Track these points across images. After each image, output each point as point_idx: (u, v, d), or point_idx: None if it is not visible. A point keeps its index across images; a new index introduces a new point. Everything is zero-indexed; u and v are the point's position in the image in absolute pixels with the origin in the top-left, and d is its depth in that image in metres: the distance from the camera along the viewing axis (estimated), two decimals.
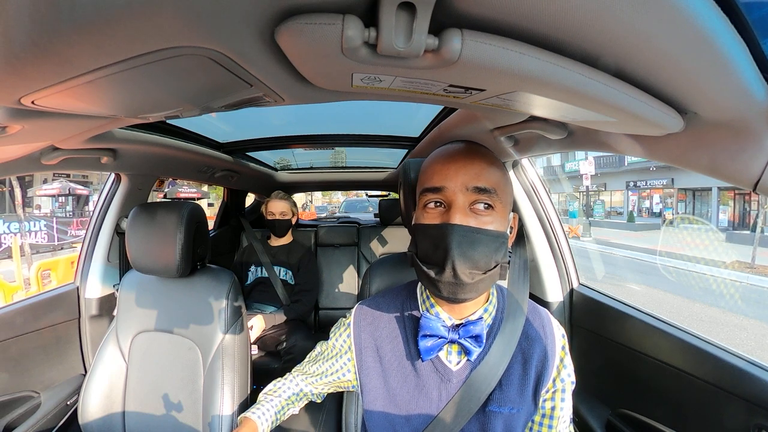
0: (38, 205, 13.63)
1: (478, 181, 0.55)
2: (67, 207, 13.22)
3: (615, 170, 19.97)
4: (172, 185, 11.04)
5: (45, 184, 12.24)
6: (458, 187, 0.55)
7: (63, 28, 0.31)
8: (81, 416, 1.04)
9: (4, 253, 8.42)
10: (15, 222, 9.14)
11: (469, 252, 0.53)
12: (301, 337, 1.75)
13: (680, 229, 10.92)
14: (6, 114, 0.57)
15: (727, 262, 7.85)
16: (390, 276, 0.89)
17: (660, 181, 18.28)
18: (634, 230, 15.40)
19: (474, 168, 0.56)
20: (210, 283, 1.08)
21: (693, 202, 17.48)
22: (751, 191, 0.49)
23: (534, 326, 0.66)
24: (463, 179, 0.55)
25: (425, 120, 1.44)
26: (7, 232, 8.98)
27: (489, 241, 0.54)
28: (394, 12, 0.31)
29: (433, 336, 0.61)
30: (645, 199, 19.91)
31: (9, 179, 8.86)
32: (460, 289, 0.54)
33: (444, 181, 0.56)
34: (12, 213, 10.41)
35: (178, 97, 0.55)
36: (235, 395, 0.99)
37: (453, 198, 0.55)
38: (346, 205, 10.68)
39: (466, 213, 0.55)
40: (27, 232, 9.24)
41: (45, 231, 9.91)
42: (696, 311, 5.20)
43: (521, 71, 0.37)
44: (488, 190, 0.55)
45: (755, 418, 0.69)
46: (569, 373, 0.65)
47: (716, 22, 0.33)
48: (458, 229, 0.53)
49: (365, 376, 0.67)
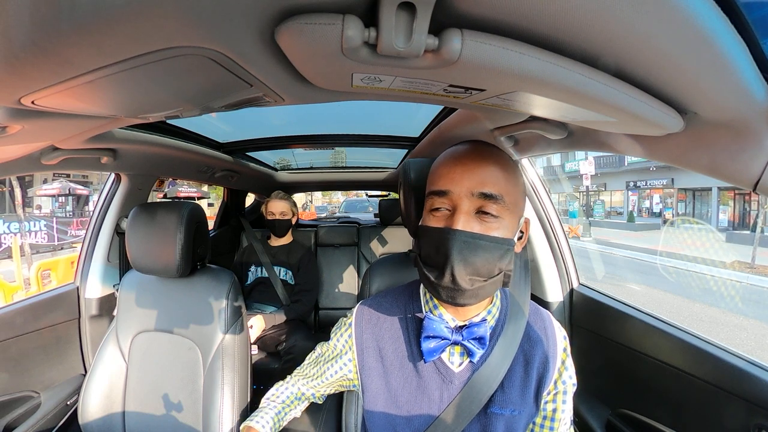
0: (38, 205, 13.68)
1: (483, 187, 0.53)
2: (67, 207, 13.25)
3: (615, 170, 20.00)
4: (172, 185, 11.05)
5: (45, 184, 12.26)
6: (463, 192, 0.54)
7: (63, 28, 0.31)
8: (81, 416, 1.04)
9: (4, 253, 8.42)
10: (15, 222, 9.13)
11: (471, 258, 0.52)
12: (301, 337, 1.76)
13: (680, 229, 10.98)
14: (6, 114, 0.57)
15: (727, 262, 7.88)
16: (390, 276, 0.89)
17: (660, 181, 18.32)
18: (634, 230, 15.43)
19: (481, 173, 0.54)
20: (210, 283, 1.08)
21: (693, 202, 17.51)
22: (752, 191, 0.49)
23: (536, 328, 0.66)
24: (469, 184, 0.54)
25: (425, 120, 1.44)
26: (7, 232, 8.97)
27: (493, 248, 0.53)
28: (394, 12, 0.31)
29: (436, 337, 0.61)
30: (645, 199, 19.97)
31: (9, 179, 8.91)
32: (459, 295, 0.54)
33: (449, 185, 0.55)
34: (12, 213, 10.41)
35: (178, 97, 0.55)
36: (235, 395, 0.99)
37: (458, 203, 0.54)
38: (346, 205, 10.70)
39: (470, 218, 0.54)
40: (27, 232, 9.25)
41: (45, 231, 9.91)
42: (696, 311, 5.21)
43: (521, 71, 0.37)
44: (494, 196, 0.53)
45: (755, 418, 0.69)
46: (570, 375, 0.65)
47: (716, 22, 0.33)
48: (460, 234, 0.52)
49: (366, 376, 0.67)
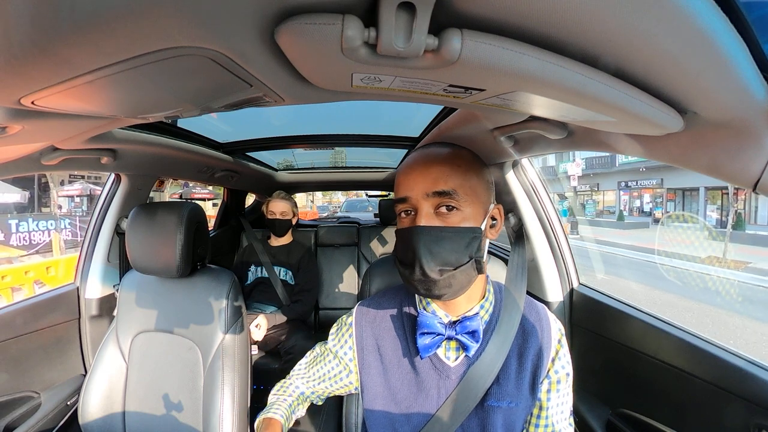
0: (59, 205, 14.67)
1: (436, 186, 0.58)
2: (83, 207, 14.01)
3: (607, 171, 20.57)
4: (186, 186, 11.45)
5: (62, 185, 13.36)
6: (420, 195, 0.59)
7: (63, 28, 0.31)
8: (81, 416, 1.04)
9: (42, 248, 9.11)
10: (42, 221, 10.19)
11: (435, 249, 0.56)
12: (301, 337, 1.76)
13: (669, 227, 11.51)
14: (6, 114, 0.57)
15: (702, 257, 8.36)
16: (390, 276, 0.89)
17: (650, 182, 18.90)
18: (622, 228, 15.90)
19: (431, 174, 0.59)
20: (210, 283, 1.08)
21: (683, 202, 18.13)
22: (751, 191, 0.49)
23: (530, 320, 0.67)
24: (422, 186, 0.59)
25: (425, 120, 1.44)
26: (37, 229, 9.91)
27: (456, 237, 0.57)
28: (394, 12, 0.31)
29: (430, 333, 0.62)
30: (636, 199, 20.64)
31: (36, 181, 9.59)
32: (434, 286, 0.57)
33: (407, 192, 0.60)
34: (38, 213, 11.85)
35: (178, 97, 0.55)
36: (235, 395, 0.99)
37: (417, 205, 0.59)
38: (347, 204, 10.80)
39: (430, 216, 0.58)
40: (57, 229, 10.19)
41: (69, 228, 10.92)
42: (653, 296, 6.02)
43: (521, 71, 0.37)
44: (448, 192, 0.58)
45: (755, 418, 0.69)
46: (563, 365, 0.65)
47: (716, 22, 0.33)
48: (421, 229, 0.57)
49: (366, 375, 0.68)
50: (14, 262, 6.42)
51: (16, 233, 9.24)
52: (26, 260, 6.71)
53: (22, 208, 11.67)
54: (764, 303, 5.73)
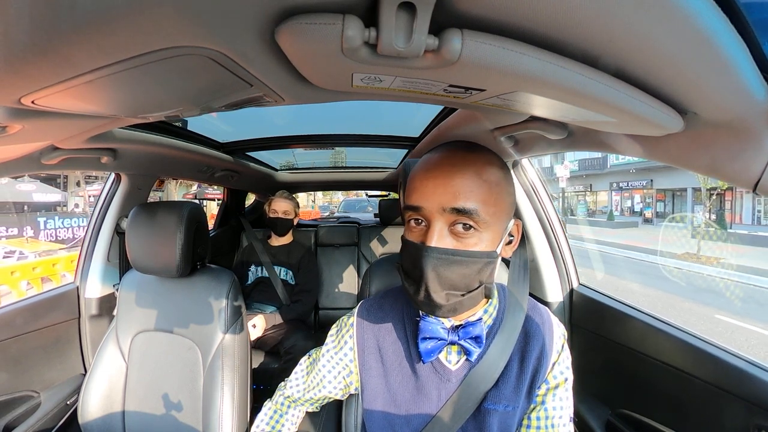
0: (76, 204, 15.52)
1: (456, 202, 0.50)
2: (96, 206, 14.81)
3: (599, 172, 21.04)
4: (199, 187, 11.75)
5: (78, 186, 14.68)
6: (435, 208, 0.51)
7: (63, 28, 0.31)
8: (81, 416, 1.04)
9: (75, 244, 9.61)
10: (75, 218, 10.78)
11: (445, 274, 0.51)
12: (301, 337, 1.75)
13: (662, 226, 12.07)
14: (6, 114, 0.57)
15: (678, 253, 8.91)
16: (390, 276, 0.89)
17: (640, 183, 19.42)
18: (612, 228, 16.33)
19: (453, 186, 0.51)
20: (210, 283, 1.08)
21: (672, 202, 18.74)
22: (751, 191, 0.49)
23: (533, 324, 0.66)
24: (441, 200, 0.51)
25: (425, 120, 1.44)
26: (66, 226, 10.46)
27: (470, 262, 0.51)
28: (394, 12, 0.31)
29: (433, 338, 0.61)
30: (627, 199, 21.32)
31: (65, 180, 10.18)
32: (437, 309, 0.53)
33: (421, 201, 0.53)
34: (63, 212, 12.63)
35: (178, 97, 0.55)
36: (235, 395, 0.99)
37: (430, 218, 0.52)
38: (345, 204, 10.66)
39: (443, 235, 0.52)
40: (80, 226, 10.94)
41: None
42: (620, 285, 6.81)
43: (521, 71, 0.37)
44: (468, 211, 0.50)
45: (755, 418, 0.69)
46: (562, 371, 0.64)
47: (716, 22, 0.33)
48: (433, 251, 0.51)
49: (366, 376, 0.67)
50: (51, 254, 6.59)
51: (44, 230, 9.69)
52: (63, 252, 6.80)
53: (46, 207, 12.14)
54: (716, 292, 6.30)
